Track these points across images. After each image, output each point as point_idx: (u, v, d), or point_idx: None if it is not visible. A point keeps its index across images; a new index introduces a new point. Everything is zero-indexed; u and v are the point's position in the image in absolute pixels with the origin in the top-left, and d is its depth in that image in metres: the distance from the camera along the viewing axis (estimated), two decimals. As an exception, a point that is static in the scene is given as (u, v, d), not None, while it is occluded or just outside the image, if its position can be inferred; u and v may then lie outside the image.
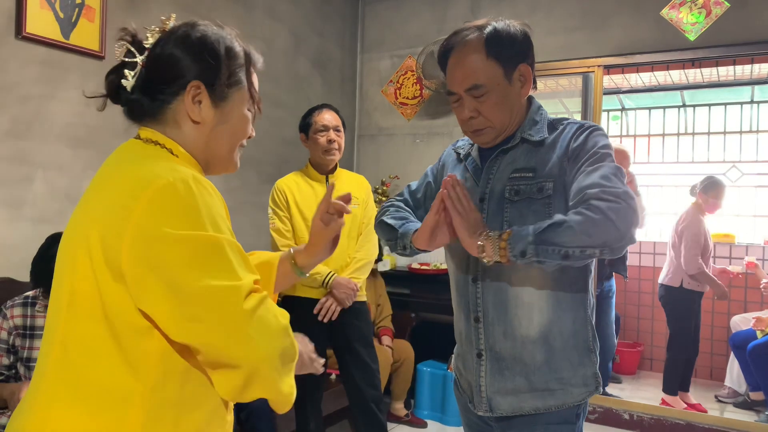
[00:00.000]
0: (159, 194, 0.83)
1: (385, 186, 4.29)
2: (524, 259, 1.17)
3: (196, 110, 0.95)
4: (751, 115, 5.00)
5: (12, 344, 1.97)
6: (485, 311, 1.34)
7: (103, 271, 0.84)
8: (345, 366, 2.61)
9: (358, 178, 2.80)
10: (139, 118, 0.99)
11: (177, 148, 0.96)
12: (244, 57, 1.01)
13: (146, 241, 0.82)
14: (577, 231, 1.12)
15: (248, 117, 1.02)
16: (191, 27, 0.98)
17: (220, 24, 1.02)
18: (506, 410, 1.33)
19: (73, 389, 0.86)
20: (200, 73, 0.95)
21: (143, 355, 0.85)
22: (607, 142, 1.28)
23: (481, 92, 1.30)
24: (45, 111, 2.50)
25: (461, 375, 1.46)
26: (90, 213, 0.89)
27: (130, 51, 0.96)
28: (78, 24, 2.57)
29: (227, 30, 1.02)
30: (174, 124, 0.97)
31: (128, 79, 0.96)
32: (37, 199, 2.49)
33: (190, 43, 0.96)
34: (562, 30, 3.77)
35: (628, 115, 5.50)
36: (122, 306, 0.84)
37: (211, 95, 0.96)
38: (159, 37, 0.97)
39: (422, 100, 4.27)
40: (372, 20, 4.51)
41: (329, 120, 2.61)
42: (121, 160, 0.94)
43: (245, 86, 1.01)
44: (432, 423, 3.61)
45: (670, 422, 3.50)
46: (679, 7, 3.44)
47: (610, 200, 1.13)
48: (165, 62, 0.95)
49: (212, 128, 0.98)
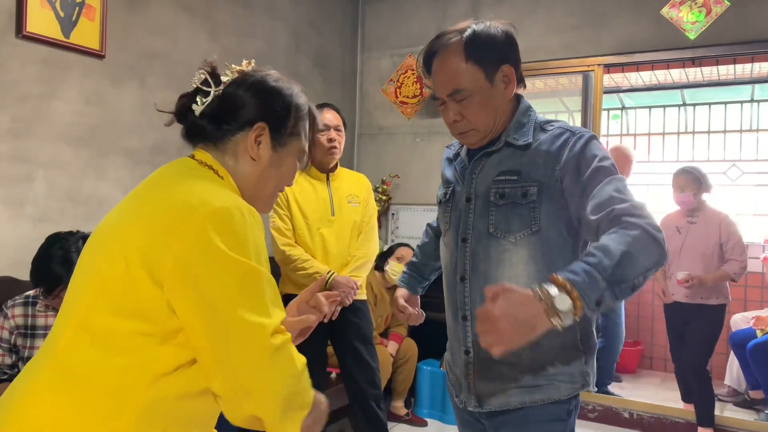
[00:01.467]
0: (216, 215, 0.89)
1: (385, 185, 4.29)
2: (599, 307, 1.05)
3: (255, 148, 1.04)
4: (752, 114, 5.00)
5: (14, 344, 1.97)
6: (473, 310, 1.35)
7: (138, 270, 0.88)
8: (345, 365, 2.62)
9: (358, 177, 2.80)
10: (197, 140, 1.06)
11: (227, 177, 1.03)
12: (308, 114, 1.11)
13: (196, 255, 0.87)
14: (640, 257, 1.06)
15: (296, 167, 1.12)
16: (267, 75, 1.08)
17: (292, 80, 1.11)
18: (494, 405, 1.35)
19: (68, 377, 0.88)
20: (268, 118, 1.04)
21: (157, 354, 0.88)
22: (605, 154, 1.27)
23: (462, 96, 1.31)
24: (45, 110, 2.50)
25: (451, 370, 1.48)
26: (136, 214, 0.94)
27: (207, 81, 1.04)
28: (78, 23, 2.57)
29: (297, 86, 1.11)
30: (232, 155, 1.04)
31: (198, 105, 1.04)
32: (37, 198, 2.49)
33: (265, 90, 1.05)
34: (562, 29, 3.77)
35: (628, 114, 5.50)
36: (149, 305, 0.88)
37: (273, 139, 1.05)
38: (237, 77, 1.06)
39: (422, 99, 4.27)
40: (372, 19, 4.51)
41: (330, 119, 2.61)
42: (175, 174, 1.00)
43: (303, 139, 1.10)
44: (432, 422, 3.61)
45: (670, 421, 3.50)
46: (680, 6, 3.44)
47: (643, 215, 1.11)
48: (240, 100, 1.04)
49: (265, 168, 1.06)
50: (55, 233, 1.97)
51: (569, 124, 1.35)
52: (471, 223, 1.36)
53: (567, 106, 4.77)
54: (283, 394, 0.91)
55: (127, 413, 0.86)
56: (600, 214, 1.16)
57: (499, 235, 1.31)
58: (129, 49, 2.80)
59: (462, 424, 1.50)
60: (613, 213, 1.14)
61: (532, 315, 1.01)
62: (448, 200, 1.45)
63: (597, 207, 1.18)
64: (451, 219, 1.43)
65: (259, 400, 0.89)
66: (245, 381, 0.88)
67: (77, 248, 1.88)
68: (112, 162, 2.76)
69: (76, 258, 1.84)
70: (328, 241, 2.56)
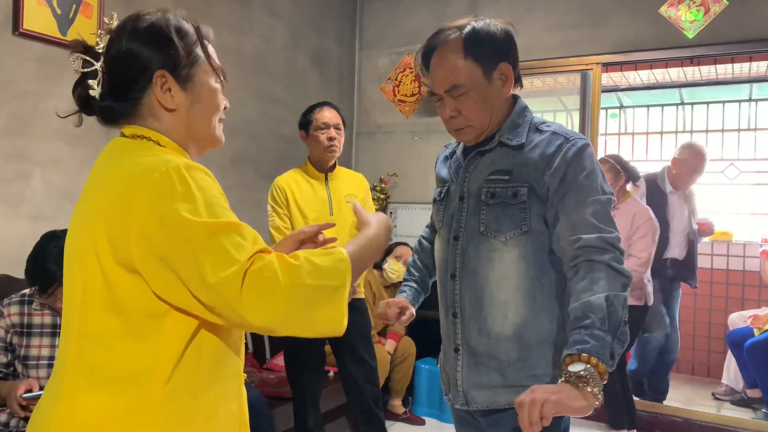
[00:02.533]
0: (156, 186, 0.85)
1: (383, 183, 4.29)
2: (614, 361, 1.13)
3: (168, 98, 0.97)
4: (749, 113, 5.00)
5: (9, 342, 1.96)
6: (462, 307, 1.37)
7: (112, 266, 0.87)
8: (343, 363, 2.61)
9: (356, 177, 2.80)
10: (116, 121, 1.01)
11: (162, 139, 0.97)
12: (195, 33, 1.01)
13: (150, 233, 0.84)
14: (616, 296, 1.16)
15: (217, 89, 1.03)
16: (137, 19, 0.99)
17: (165, 8, 1.02)
18: (481, 404, 1.36)
19: (93, 377, 0.89)
20: (161, 62, 0.96)
21: (160, 337, 0.89)
22: (594, 167, 1.28)
23: (460, 92, 1.32)
24: (42, 108, 2.49)
25: (443, 368, 1.50)
26: (92, 212, 0.91)
27: (86, 60, 0.97)
28: (75, 20, 2.56)
29: (172, 12, 1.02)
30: (151, 118, 0.98)
31: (95, 88, 0.97)
32: (34, 196, 2.48)
33: (142, 35, 0.97)
34: (560, 27, 3.77)
35: (626, 113, 5.50)
36: (136, 296, 0.87)
37: (177, 80, 0.97)
38: (109, 39, 0.98)
39: (420, 98, 4.27)
40: (370, 17, 4.50)
41: (330, 118, 2.60)
42: (112, 158, 0.96)
43: (204, 61, 1.01)
44: (430, 420, 3.62)
45: (668, 419, 3.51)
46: (678, 5, 3.44)
47: (606, 250, 1.20)
48: (124, 60, 0.96)
49: (187, 111, 0.99)
50: (50, 231, 1.96)
51: (565, 127, 1.36)
52: (464, 221, 1.38)
53: (565, 105, 4.78)
54: (281, 310, 0.83)
55: (152, 399, 0.88)
56: (571, 236, 1.23)
57: (489, 234, 1.33)
58: (126, 47, 2.79)
59: (459, 422, 1.50)
60: (579, 243, 1.21)
61: (579, 405, 1.09)
62: (443, 198, 1.46)
63: (570, 228, 1.24)
64: (444, 217, 1.44)
65: (269, 328, 0.85)
66: (248, 326, 0.86)
67: (73, 246, 1.88)
68: (109, 160, 2.75)
69: None
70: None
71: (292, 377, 2.61)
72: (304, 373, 2.58)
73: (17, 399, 1.79)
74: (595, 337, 1.11)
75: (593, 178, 1.26)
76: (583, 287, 1.18)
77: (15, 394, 1.80)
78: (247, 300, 0.82)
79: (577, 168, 1.26)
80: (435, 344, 4.05)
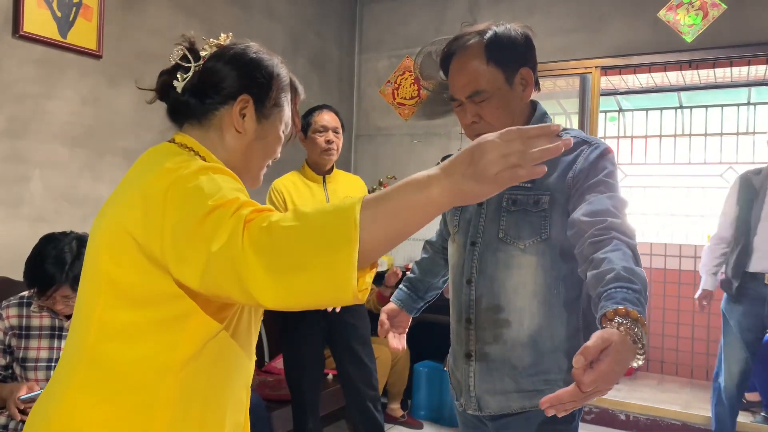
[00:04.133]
0: (178, 180, 0.85)
1: (382, 186, 4.29)
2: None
3: (240, 121, 1.02)
4: (748, 117, 5.01)
5: (8, 344, 1.96)
6: (477, 314, 1.36)
7: (142, 262, 0.87)
8: (342, 366, 2.62)
9: (354, 179, 2.80)
10: (182, 118, 1.05)
11: (210, 156, 1.00)
12: (289, 84, 1.09)
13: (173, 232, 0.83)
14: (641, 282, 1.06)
15: (282, 139, 1.10)
16: (247, 48, 1.06)
17: (271, 52, 1.09)
18: (494, 409, 1.35)
19: (108, 373, 0.89)
20: (250, 90, 1.02)
21: (180, 337, 0.89)
22: (614, 170, 1.28)
23: (482, 98, 1.31)
24: (42, 110, 2.49)
25: (452, 374, 1.48)
26: (125, 209, 0.91)
27: (186, 56, 1.02)
28: (75, 23, 2.56)
29: (277, 57, 1.09)
30: (217, 129, 1.02)
31: (179, 80, 1.01)
32: (34, 198, 2.48)
33: (245, 62, 1.03)
34: (559, 31, 3.78)
35: (625, 117, 5.51)
36: (161, 294, 0.88)
37: (257, 111, 1.03)
38: (216, 51, 1.04)
39: (420, 101, 4.27)
40: (370, 20, 4.51)
41: (329, 121, 2.61)
42: (153, 161, 0.96)
43: (285, 110, 1.08)
44: (428, 424, 3.61)
45: (666, 423, 3.50)
46: (677, 9, 3.45)
47: (632, 237, 1.15)
48: (221, 73, 1.02)
49: (251, 141, 1.04)
50: (48, 233, 1.96)
51: (584, 132, 1.36)
52: (482, 227, 1.37)
53: (564, 108, 4.78)
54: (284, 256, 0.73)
55: (163, 399, 0.88)
56: (593, 218, 1.17)
57: (508, 241, 1.32)
58: (126, 50, 2.80)
59: (465, 426, 1.49)
60: (607, 223, 1.15)
61: (630, 358, 0.94)
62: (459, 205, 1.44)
63: (592, 213, 1.19)
64: (460, 222, 1.43)
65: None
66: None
67: (71, 248, 1.88)
68: (108, 162, 2.75)
69: (70, 258, 1.85)
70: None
71: (291, 380, 2.61)
72: (303, 376, 2.58)
73: (16, 401, 1.79)
74: (640, 302, 1.01)
75: (613, 178, 1.26)
76: (618, 256, 1.09)
77: (14, 396, 1.80)
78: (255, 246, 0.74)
79: (599, 168, 1.26)
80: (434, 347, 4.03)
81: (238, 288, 0.75)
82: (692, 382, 4.56)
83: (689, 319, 4.67)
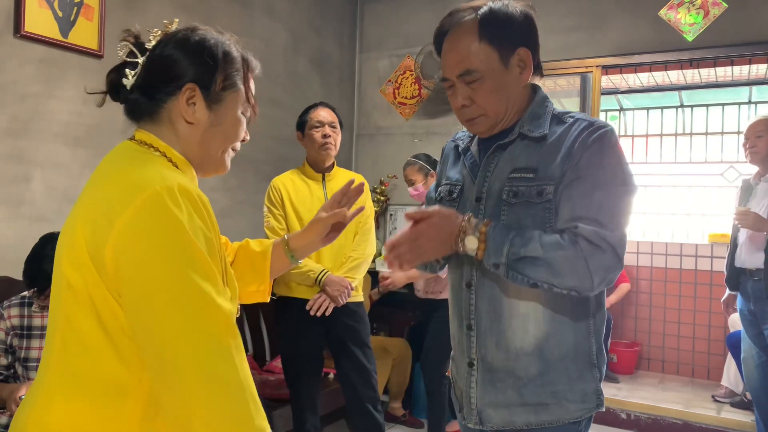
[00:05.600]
0: (145, 204, 0.84)
1: (383, 185, 4.29)
2: (497, 270, 1.16)
3: (190, 111, 0.98)
4: (749, 116, 5.00)
5: (10, 344, 1.96)
6: (478, 319, 1.27)
7: (91, 270, 0.86)
8: (341, 367, 2.61)
9: (354, 177, 2.79)
10: (138, 117, 1.01)
11: (170, 151, 0.98)
12: (241, 61, 1.03)
13: (129, 253, 0.84)
14: (549, 271, 1.11)
15: (242, 120, 1.04)
16: (191, 31, 1.01)
17: (221, 30, 1.04)
18: (497, 423, 1.27)
19: (72, 382, 0.88)
20: (196, 76, 0.97)
21: (134, 351, 0.87)
22: (614, 155, 1.18)
23: (473, 78, 1.21)
24: (43, 110, 2.50)
25: (455, 382, 1.40)
26: (83, 213, 0.91)
27: (132, 51, 0.99)
28: (77, 23, 2.56)
29: (226, 35, 1.03)
30: (169, 124, 0.99)
31: (129, 79, 0.98)
32: (35, 198, 2.48)
33: (189, 46, 0.99)
34: (560, 30, 3.78)
35: (626, 116, 5.51)
36: (111, 305, 0.86)
37: (206, 97, 0.98)
38: (160, 39, 1.00)
39: (421, 100, 4.27)
40: (371, 20, 4.51)
41: (324, 116, 2.60)
42: (114, 162, 0.96)
43: (241, 90, 1.02)
44: (430, 422, 3.61)
45: (667, 422, 3.50)
46: (677, 8, 3.44)
47: (599, 246, 1.10)
48: (163, 63, 0.98)
49: (205, 129, 1.00)
50: (48, 233, 1.97)
51: (588, 115, 1.26)
52: None
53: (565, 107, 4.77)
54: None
55: (133, 396, 0.87)
56: (568, 224, 1.15)
57: None
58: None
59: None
60: (576, 231, 1.12)
61: (447, 233, 1.17)
62: (454, 199, 1.35)
63: (570, 215, 1.15)
64: None
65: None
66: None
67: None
68: (109, 162, 2.75)
69: None
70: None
71: (291, 380, 2.61)
72: (302, 376, 2.58)
73: (17, 401, 1.79)
74: (505, 245, 1.13)
75: (611, 166, 1.16)
76: (553, 236, 1.14)
77: (15, 396, 1.80)
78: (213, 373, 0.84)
79: (594, 154, 1.16)
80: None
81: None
82: (693, 381, 4.56)
83: (690, 318, 4.67)
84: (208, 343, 0.83)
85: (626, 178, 1.18)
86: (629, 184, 1.18)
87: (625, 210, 1.16)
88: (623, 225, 1.15)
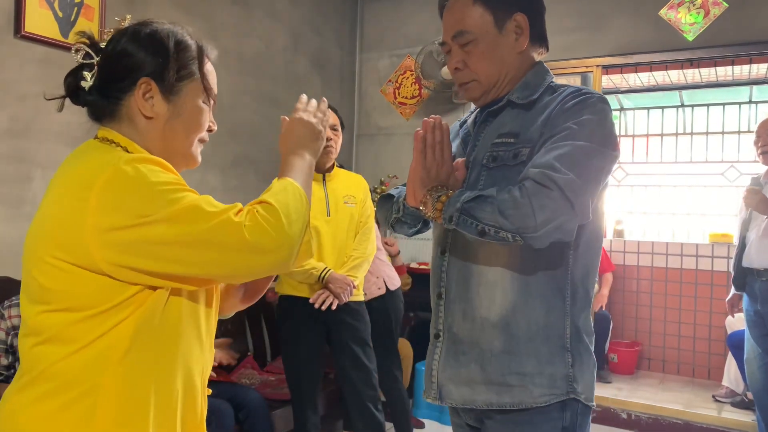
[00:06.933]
0: (110, 182, 0.86)
1: (384, 185, 4.29)
2: (450, 224, 1.12)
3: (147, 106, 0.97)
4: (750, 115, 5.01)
5: (10, 344, 1.97)
6: (448, 287, 1.24)
7: (65, 264, 0.87)
8: (342, 366, 2.62)
9: (355, 178, 2.80)
10: (99, 117, 1.02)
11: (132, 146, 0.97)
12: (196, 49, 1.02)
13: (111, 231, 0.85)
14: (495, 209, 1.06)
15: (203, 109, 1.03)
16: (142, 25, 1.01)
17: (174, 22, 1.04)
18: (456, 401, 1.22)
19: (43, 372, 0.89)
20: (150, 69, 0.97)
21: (115, 330, 0.88)
22: (592, 117, 1.11)
23: (466, 40, 1.21)
24: (43, 110, 2.50)
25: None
26: (48, 210, 0.92)
27: (88, 53, 0.99)
28: (77, 23, 2.56)
29: (180, 26, 1.03)
30: (129, 121, 0.99)
31: (87, 80, 0.98)
32: (35, 198, 2.48)
33: (140, 39, 0.98)
34: (560, 30, 3.77)
35: (626, 115, 5.50)
36: (91, 292, 0.88)
37: (162, 90, 0.98)
38: (112, 36, 1.00)
39: (421, 100, 4.27)
40: (371, 20, 4.51)
41: None
42: (76, 157, 0.97)
43: (197, 79, 1.01)
44: (430, 423, 3.61)
45: (668, 422, 3.50)
46: (678, 8, 3.44)
47: (544, 185, 1.04)
48: (116, 60, 0.98)
49: (165, 122, 0.99)
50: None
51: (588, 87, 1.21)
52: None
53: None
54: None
55: (104, 392, 0.88)
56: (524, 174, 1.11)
57: None
58: (127, 49, 2.80)
59: (457, 426, 1.36)
60: (526, 174, 1.09)
61: (420, 189, 1.20)
62: None
63: (529, 167, 1.11)
64: None
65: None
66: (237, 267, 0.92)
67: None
68: (110, 162, 2.75)
69: None
70: (324, 241, 2.56)
71: (291, 379, 2.61)
72: (303, 376, 2.58)
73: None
74: (461, 194, 1.12)
75: (590, 124, 1.10)
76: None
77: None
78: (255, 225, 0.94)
79: (573, 114, 1.12)
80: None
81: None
82: (694, 381, 4.56)
83: (691, 318, 4.67)
84: (225, 227, 0.92)
85: (605, 140, 1.11)
86: (608, 146, 1.10)
87: (593, 166, 1.08)
88: (584, 177, 1.06)
